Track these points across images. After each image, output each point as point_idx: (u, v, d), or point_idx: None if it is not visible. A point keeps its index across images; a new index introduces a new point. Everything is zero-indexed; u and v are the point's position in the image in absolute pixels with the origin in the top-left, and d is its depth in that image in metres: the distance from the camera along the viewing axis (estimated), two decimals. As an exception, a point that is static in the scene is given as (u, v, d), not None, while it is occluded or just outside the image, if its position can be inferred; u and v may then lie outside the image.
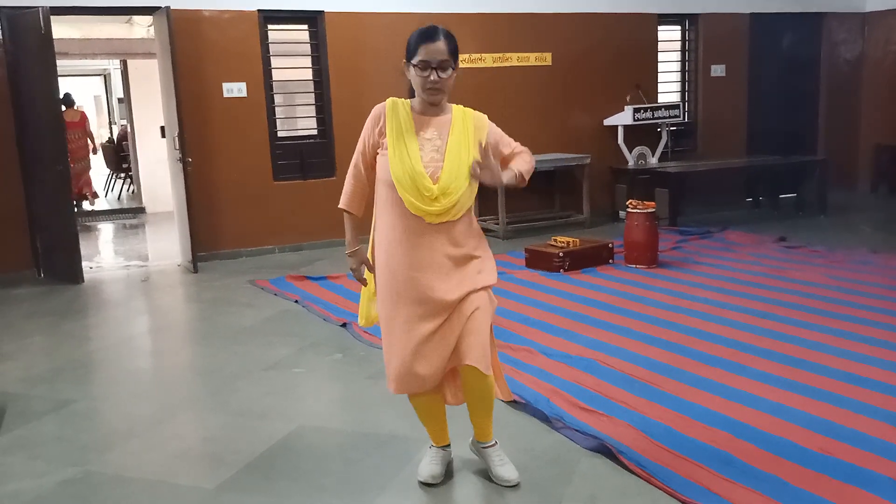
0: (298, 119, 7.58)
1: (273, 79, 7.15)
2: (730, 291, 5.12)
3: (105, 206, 11.34)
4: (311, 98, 7.37)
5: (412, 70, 2.46)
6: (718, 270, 5.78)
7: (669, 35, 8.89)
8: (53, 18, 5.97)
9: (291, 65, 7.36)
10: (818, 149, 9.60)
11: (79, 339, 4.80)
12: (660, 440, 2.90)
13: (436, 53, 2.42)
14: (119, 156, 12.23)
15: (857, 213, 8.30)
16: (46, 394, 3.80)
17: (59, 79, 6.27)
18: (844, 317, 4.42)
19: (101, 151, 12.32)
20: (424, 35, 2.43)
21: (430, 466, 2.73)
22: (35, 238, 6.47)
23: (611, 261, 6.08)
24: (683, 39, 8.96)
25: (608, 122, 8.30)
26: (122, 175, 12.37)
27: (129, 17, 8.90)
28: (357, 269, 2.69)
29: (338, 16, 7.17)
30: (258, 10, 6.92)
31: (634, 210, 5.95)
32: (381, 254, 2.56)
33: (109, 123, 16.30)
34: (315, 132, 7.41)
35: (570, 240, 6.05)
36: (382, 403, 3.49)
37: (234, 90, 6.92)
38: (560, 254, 5.81)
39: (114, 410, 3.66)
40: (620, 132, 8.28)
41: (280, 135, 7.26)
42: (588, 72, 8.21)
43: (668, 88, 8.93)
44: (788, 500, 2.46)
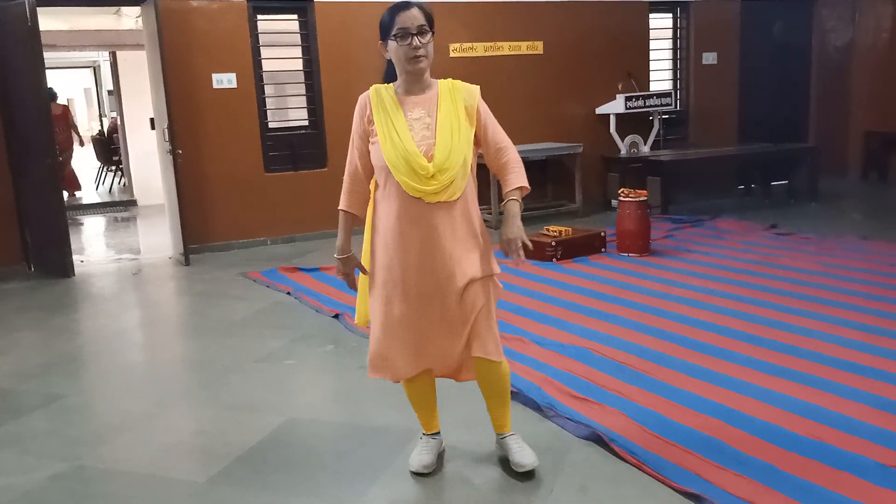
0: (289, 110, 7.54)
1: (263, 69, 7.11)
2: (721, 279, 5.13)
3: (96, 200, 11.28)
4: (302, 89, 7.34)
5: (391, 45, 2.43)
6: (710, 258, 5.79)
7: (661, 23, 8.86)
8: (40, 10, 5.92)
9: (281, 55, 7.32)
10: (809, 136, 9.62)
11: (69, 334, 4.78)
12: (651, 428, 2.91)
13: (412, 19, 2.40)
14: (110, 149, 12.16)
15: (848, 200, 8.33)
16: (37, 388, 3.79)
17: (48, 72, 6.23)
18: (834, 303, 4.43)
19: (92, 144, 12.28)
20: (397, 7, 2.42)
21: (421, 456, 2.73)
22: (25, 232, 6.44)
23: (603, 250, 6.08)
24: (675, 27, 8.94)
25: (600, 111, 8.29)
26: (113, 168, 12.31)
27: (118, 8, 8.82)
28: (349, 275, 2.61)
29: (327, 5, 7.13)
30: (247, 1, 6.87)
31: (626, 199, 5.95)
32: (380, 241, 2.53)
33: (100, 116, 16.21)
34: (306, 123, 7.37)
35: (563, 229, 6.05)
36: (374, 395, 3.48)
37: (224, 81, 6.88)
38: (552, 243, 5.81)
39: (105, 405, 3.64)
40: (612, 121, 8.27)
41: (271, 126, 7.22)
42: (580, 60, 8.19)
43: (660, 77, 8.91)
44: (778, 486, 2.47)
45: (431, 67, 2.50)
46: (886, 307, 4.30)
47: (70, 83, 20.82)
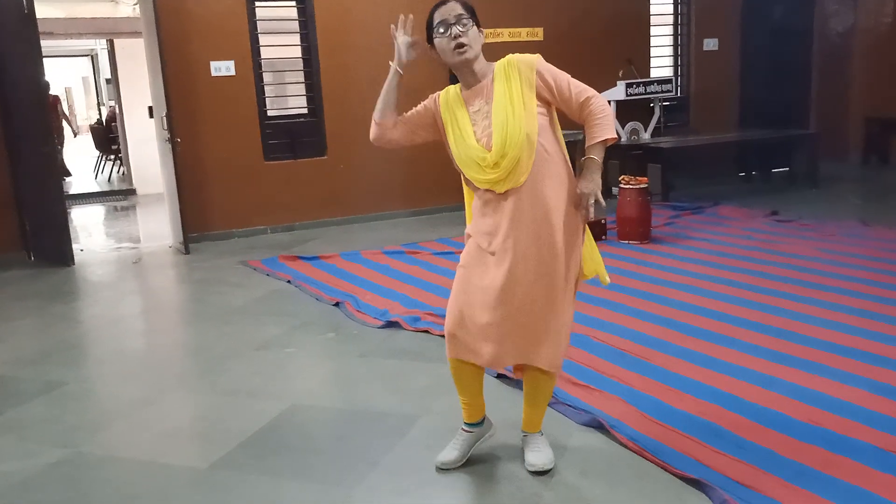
0: (288, 98, 7.51)
1: (262, 57, 7.07)
2: (722, 266, 5.12)
3: (95, 189, 11.27)
4: (301, 76, 7.30)
5: (436, 42, 2.42)
6: (711, 245, 5.78)
7: (661, 9, 8.81)
8: (36, -3, 5.88)
9: (280, 42, 7.28)
10: (810, 122, 9.58)
11: (69, 321, 4.78)
12: (651, 414, 2.91)
13: (450, 10, 2.40)
14: (108, 137, 12.13)
15: (849, 186, 8.31)
16: (36, 376, 3.79)
17: (46, 60, 6.19)
18: (833, 289, 4.43)
19: (91, 133, 12.27)
20: (436, 4, 2.43)
21: (446, 451, 2.67)
22: (24, 220, 6.43)
23: (604, 237, 6.07)
24: (675, 13, 8.89)
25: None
26: (112, 157, 12.28)
27: (115, -4, 8.78)
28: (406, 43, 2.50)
29: (326, -9, 7.08)
30: (245, -13, 6.83)
31: (627, 186, 5.93)
32: (471, 241, 2.51)
33: (98, 104, 16.14)
34: (305, 111, 7.34)
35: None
36: (374, 382, 3.49)
37: (223, 69, 6.84)
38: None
39: (104, 391, 3.65)
40: (613, 107, 8.22)
41: (270, 114, 7.19)
42: (580, 46, 8.13)
43: (661, 63, 8.87)
44: (777, 470, 2.47)
45: (482, 55, 2.47)
46: (886, 293, 4.29)
47: (68, 72, 20.72)
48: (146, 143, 9.41)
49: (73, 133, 11.46)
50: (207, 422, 3.22)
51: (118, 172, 12.21)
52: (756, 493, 2.35)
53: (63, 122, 11.66)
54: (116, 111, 11.07)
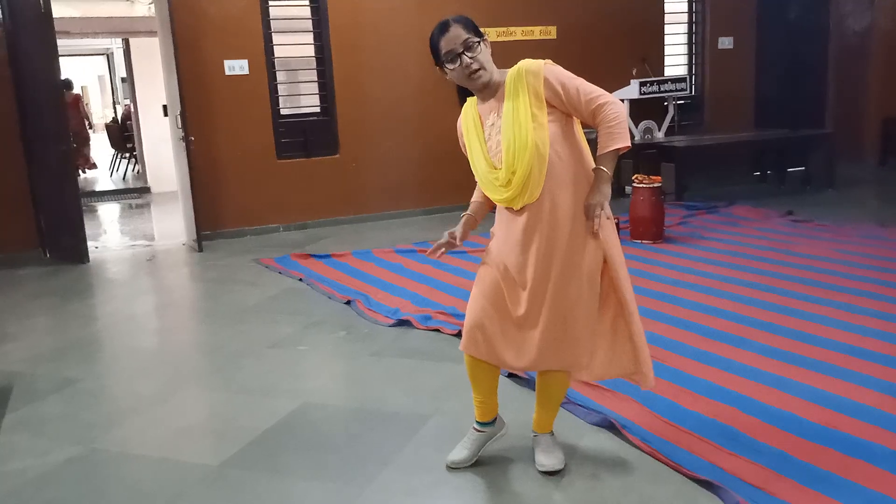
0: (301, 97, 7.53)
1: (275, 56, 7.09)
2: (736, 266, 5.09)
3: (110, 187, 11.35)
4: (314, 75, 7.32)
5: (447, 68, 2.40)
6: (725, 245, 5.74)
7: (676, 6, 8.76)
8: (52, -3, 5.92)
9: (293, 41, 7.30)
10: (826, 122, 9.49)
11: (84, 319, 4.81)
12: (663, 415, 2.90)
13: (455, 39, 2.35)
14: (124, 136, 12.22)
15: (866, 187, 8.22)
16: (51, 373, 3.82)
17: (62, 59, 6.24)
18: (849, 290, 4.38)
19: (106, 131, 12.43)
20: (439, 30, 2.38)
21: (456, 450, 2.68)
22: (39, 218, 6.49)
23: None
24: (690, 11, 8.83)
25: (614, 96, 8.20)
26: (127, 155, 12.37)
27: (130, -5, 8.84)
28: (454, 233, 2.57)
29: (339, -9, 7.10)
30: (259, -13, 6.86)
31: (640, 185, 5.90)
32: (494, 240, 2.53)
33: (113, 103, 16.26)
34: (318, 109, 7.35)
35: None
36: (386, 381, 3.49)
37: (236, 68, 6.87)
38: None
39: (118, 389, 3.67)
40: (627, 106, 8.19)
41: (283, 112, 7.22)
42: (594, 45, 8.10)
43: (675, 61, 8.81)
44: (791, 473, 2.45)
45: (494, 67, 2.43)
46: (903, 295, 4.25)
47: (84, 70, 20.91)
48: (161, 142, 9.47)
49: (91, 127, 12.03)
50: (220, 419, 3.24)
51: (133, 170, 12.30)
52: (770, 496, 2.33)
53: (83, 119, 12.28)
54: (132, 109, 11.16)
